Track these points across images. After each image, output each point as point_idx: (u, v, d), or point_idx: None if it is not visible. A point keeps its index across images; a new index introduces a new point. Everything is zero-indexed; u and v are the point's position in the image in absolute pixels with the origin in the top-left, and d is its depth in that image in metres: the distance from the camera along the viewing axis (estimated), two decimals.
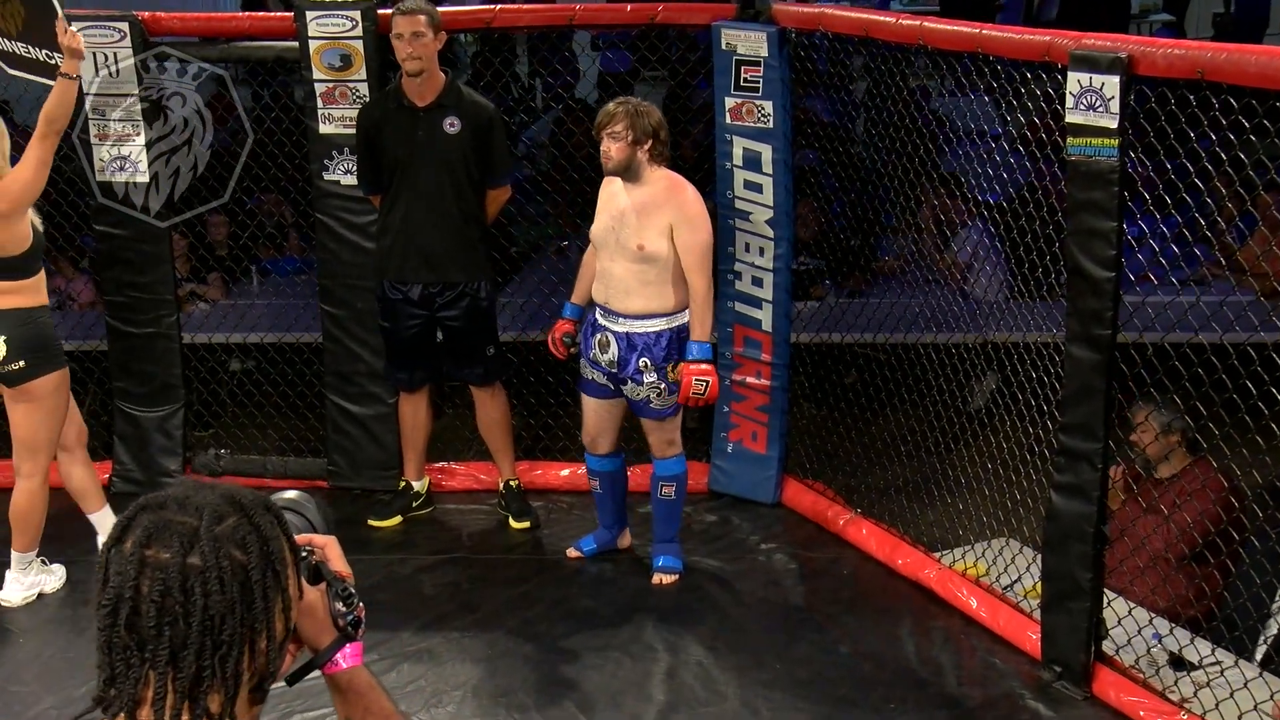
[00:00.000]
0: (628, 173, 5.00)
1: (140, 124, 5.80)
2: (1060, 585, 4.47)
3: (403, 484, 5.90)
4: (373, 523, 5.80)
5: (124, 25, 5.72)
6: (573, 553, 5.48)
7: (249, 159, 6.16)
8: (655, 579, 5.27)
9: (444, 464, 6.18)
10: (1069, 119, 4.16)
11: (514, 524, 5.78)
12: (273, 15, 6.56)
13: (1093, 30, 4.38)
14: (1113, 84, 4.03)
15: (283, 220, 7.81)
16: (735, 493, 5.96)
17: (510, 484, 5.84)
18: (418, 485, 5.90)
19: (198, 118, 5.84)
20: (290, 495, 1.88)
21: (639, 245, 4.98)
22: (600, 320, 5.13)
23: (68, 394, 5.10)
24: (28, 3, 5.39)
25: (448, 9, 5.57)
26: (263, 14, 6.63)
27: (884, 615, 5.04)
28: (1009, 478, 5.10)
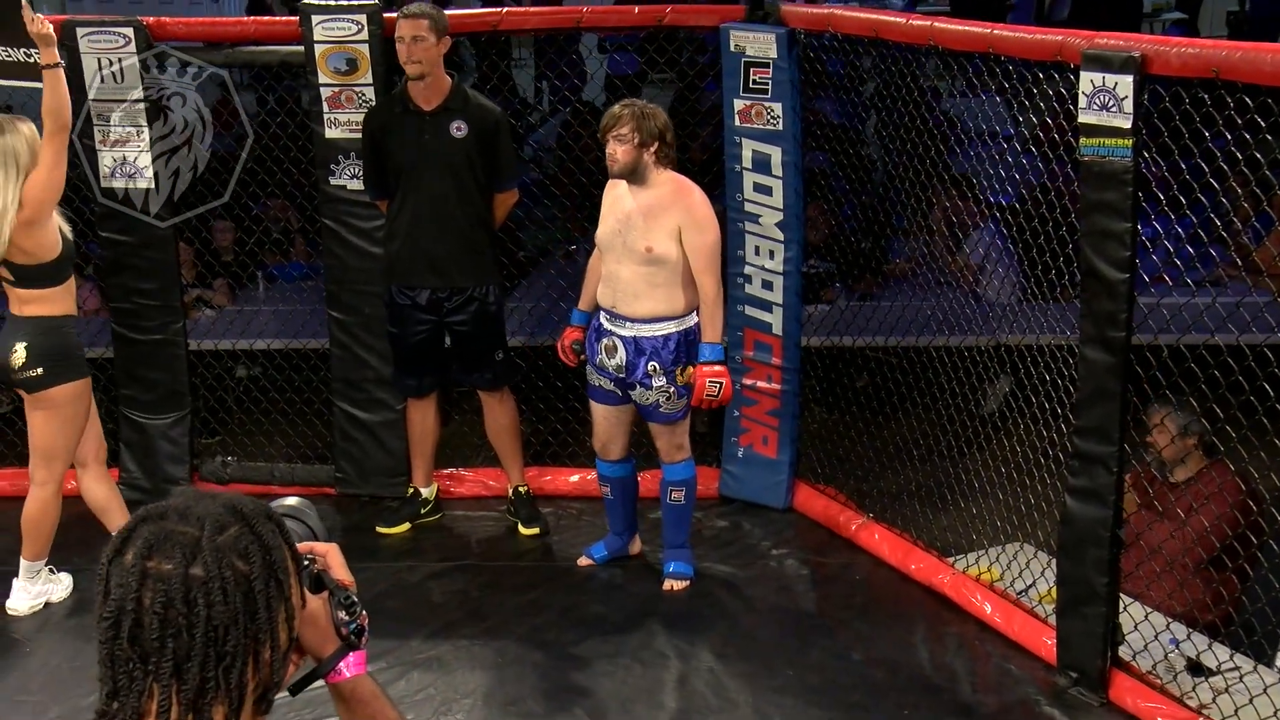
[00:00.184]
0: (634, 175, 4.96)
1: (144, 128, 5.77)
2: (1076, 590, 4.44)
3: (411, 491, 5.87)
4: (381, 530, 5.78)
5: (129, 31, 5.70)
6: (584, 560, 5.44)
7: (255, 164, 6.15)
8: (666, 585, 5.24)
9: (452, 470, 6.15)
10: (1082, 119, 4.14)
11: (523, 530, 5.75)
12: (277, 19, 6.54)
13: (1105, 29, 4.37)
14: (1126, 84, 4.01)
15: (289, 226, 7.79)
16: (746, 498, 5.94)
17: (519, 490, 5.81)
18: (426, 492, 5.87)
19: (198, 118, 5.81)
20: (290, 502, 1.88)
21: (647, 247, 4.94)
22: (606, 325, 5.09)
23: (88, 405, 5.09)
24: None
25: (454, 11, 5.54)
26: (267, 18, 6.62)
27: (897, 621, 5.01)
28: (1023, 482, 5.08)
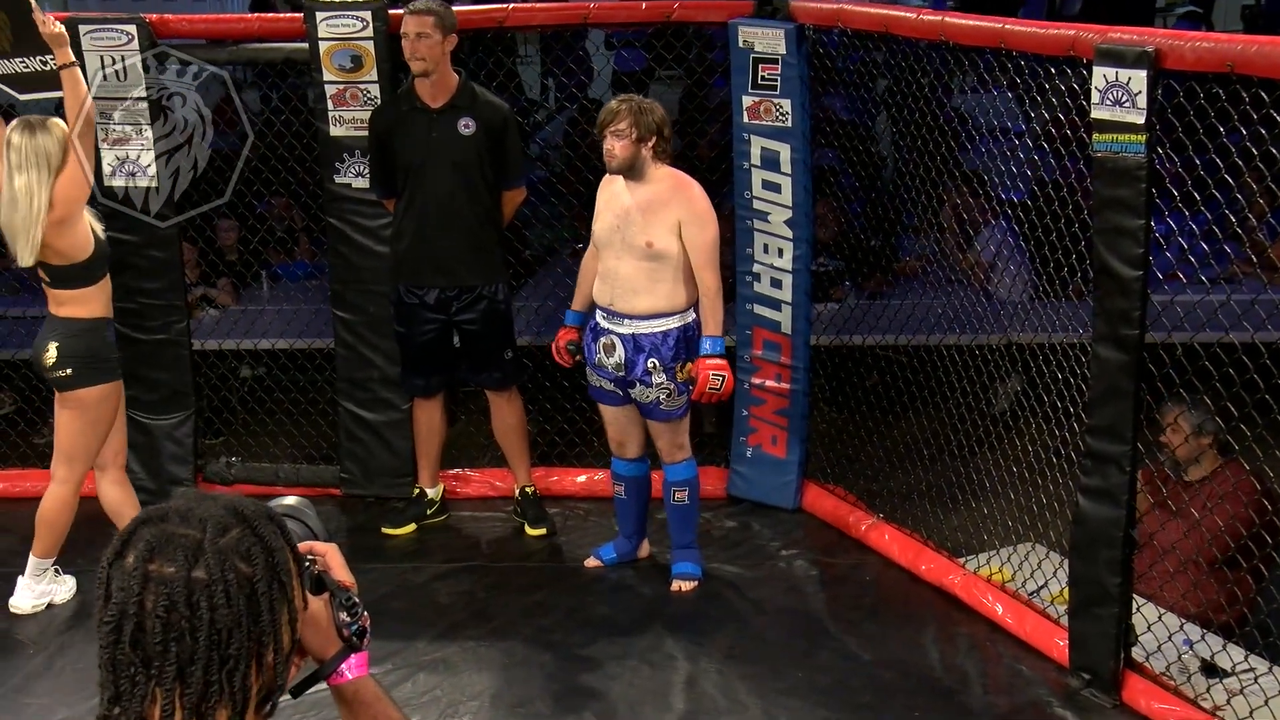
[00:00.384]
0: (632, 171, 4.93)
1: (145, 127, 5.74)
2: (1088, 590, 4.41)
3: (416, 491, 5.85)
4: (386, 531, 5.76)
5: (131, 28, 5.67)
6: (591, 561, 5.41)
7: (259, 163, 6.12)
8: (674, 586, 5.21)
9: (458, 470, 6.13)
10: (1095, 114, 4.11)
11: (530, 531, 5.73)
12: (282, 16, 6.49)
13: (1117, 24, 4.35)
14: (1140, 78, 3.97)
15: (293, 224, 7.77)
16: (755, 498, 5.91)
17: (526, 490, 5.78)
18: (432, 492, 5.84)
19: (198, 118, 5.77)
20: (290, 501, 1.86)
21: (647, 242, 4.90)
22: (603, 324, 5.05)
23: (115, 408, 5.07)
24: (4, 8, 5.20)
25: (462, 8, 5.50)
26: (271, 15, 6.57)
27: (907, 622, 4.98)
28: (1035, 481, 5.06)
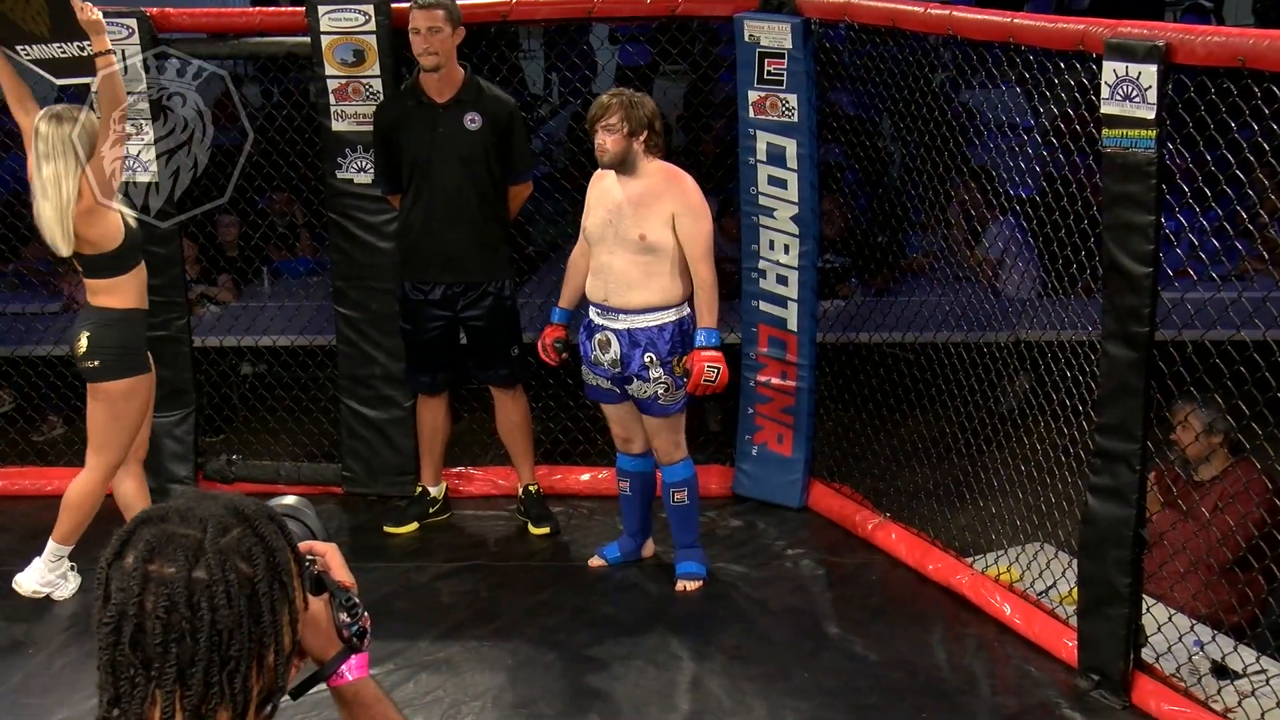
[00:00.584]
0: (623, 165, 4.90)
1: (146, 123, 5.70)
2: (1097, 591, 4.38)
3: (419, 489, 5.82)
4: (389, 529, 5.74)
5: (132, 22, 5.63)
6: (595, 561, 5.38)
7: (260, 158, 6.09)
8: (679, 585, 5.18)
9: (461, 469, 6.11)
10: (1104, 110, 4.08)
11: (533, 530, 5.70)
12: (283, 10, 6.46)
13: (1126, 17, 4.33)
14: (1150, 73, 3.94)
15: (294, 220, 7.75)
16: (760, 497, 5.88)
17: (529, 489, 5.76)
18: (435, 491, 5.81)
19: (198, 117, 5.74)
20: (289, 501, 1.85)
21: (641, 235, 4.87)
22: (597, 320, 5.01)
23: (144, 401, 5.05)
24: None
25: (465, 2, 5.46)
26: (273, 9, 6.53)
27: (914, 622, 4.96)
28: (1043, 480, 5.04)
